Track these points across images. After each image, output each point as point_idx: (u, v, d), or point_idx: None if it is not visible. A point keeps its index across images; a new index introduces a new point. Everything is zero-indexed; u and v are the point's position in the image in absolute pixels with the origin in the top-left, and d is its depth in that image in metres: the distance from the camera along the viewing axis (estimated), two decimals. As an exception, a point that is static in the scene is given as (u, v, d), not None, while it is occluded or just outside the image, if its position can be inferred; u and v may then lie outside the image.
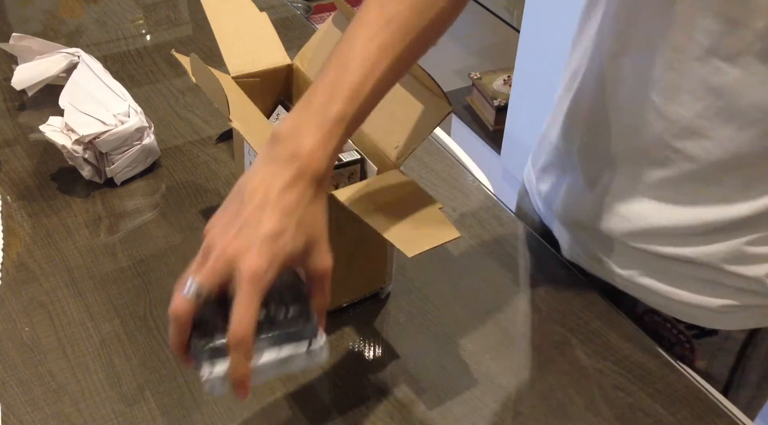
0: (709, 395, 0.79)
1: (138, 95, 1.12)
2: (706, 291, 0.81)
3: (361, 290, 0.86)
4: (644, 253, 0.82)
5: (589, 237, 0.88)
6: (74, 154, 0.96)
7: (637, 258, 0.84)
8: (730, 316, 0.82)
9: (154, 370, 0.78)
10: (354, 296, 0.86)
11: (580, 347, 0.83)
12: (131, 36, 1.34)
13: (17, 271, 0.88)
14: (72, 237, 0.93)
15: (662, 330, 0.87)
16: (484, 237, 0.97)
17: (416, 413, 0.76)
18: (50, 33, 1.33)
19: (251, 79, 0.91)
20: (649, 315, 0.87)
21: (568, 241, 0.93)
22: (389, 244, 0.83)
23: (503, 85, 2.41)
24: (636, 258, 0.84)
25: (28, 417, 0.73)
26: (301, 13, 1.46)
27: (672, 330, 0.86)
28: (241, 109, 0.80)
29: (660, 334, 0.87)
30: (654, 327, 0.87)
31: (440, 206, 0.73)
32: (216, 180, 1.03)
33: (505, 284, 0.91)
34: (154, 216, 0.97)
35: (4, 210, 0.97)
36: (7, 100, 1.16)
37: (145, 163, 1.03)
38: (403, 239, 0.69)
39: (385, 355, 0.82)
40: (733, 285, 0.79)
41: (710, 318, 0.83)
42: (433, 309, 0.87)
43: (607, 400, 0.78)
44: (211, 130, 1.12)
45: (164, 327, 0.83)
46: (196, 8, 1.44)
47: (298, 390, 0.77)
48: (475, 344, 0.83)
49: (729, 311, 0.81)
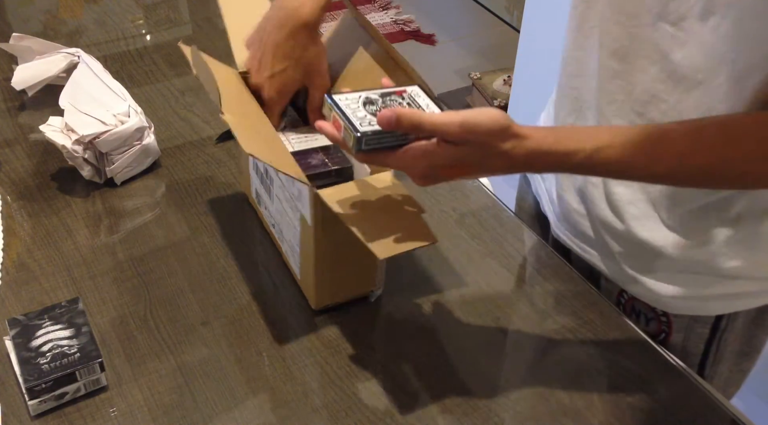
0: (709, 394, 0.79)
1: (138, 95, 1.12)
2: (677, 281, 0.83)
3: (348, 292, 0.86)
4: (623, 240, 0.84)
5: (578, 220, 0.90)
6: (74, 154, 0.96)
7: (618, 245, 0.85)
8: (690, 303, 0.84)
9: (154, 370, 0.78)
10: (340, 298, 0.85)
11: (580, 347, 0.83)
12: (131, 36, 1.34)
13: (17, 271, 0.88)
14: (72, 237, 0.93)
15: (639, 306, 0.88)
16: (484, 237, 0.97)
17: (416, 413, 0.76)
18: (50, 33, 1.33)
19: None
20: (626, 294, 0.89)
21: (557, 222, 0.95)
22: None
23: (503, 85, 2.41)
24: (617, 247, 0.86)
25: (28, 417, 0.73)
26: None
27: (648, 305, 0.87)
28: (238, 103, 0.80)
29: (637, 310, 0.88)
30: (632, 303, 0.88)
31: (423, 211, 0.73)
32: (216, 180, 1.03)
33: (504, 284, 0.91)
34: (154, 216, 0.97)
35: (4, 210, 0.97)
36: (7, 100, 1.16)
37: (145, 163, 1.03)
38: (377, 241, 0.69)
39: (384, 355, 0.82)
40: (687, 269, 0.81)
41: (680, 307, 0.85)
42: (432, 308, 0.87)
43: (607, 400, 0.78)
44: (211, 130, 1.12)
45: (164, 327, 0.83)
46: (196, 8, 1.44)
47: (295, 390, 0.77)
48: (474, 344, 0.83)
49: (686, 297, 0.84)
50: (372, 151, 0.68)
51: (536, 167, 0.69)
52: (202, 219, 0.97)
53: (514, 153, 0.65)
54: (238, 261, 0.91)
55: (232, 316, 0.85)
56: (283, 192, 0.84)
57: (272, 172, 0.85)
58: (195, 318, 0.84)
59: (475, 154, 0.66)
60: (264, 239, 0.94)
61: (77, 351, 0.74)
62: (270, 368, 0.80)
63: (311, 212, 0.76)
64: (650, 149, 0.66)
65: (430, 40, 3.13)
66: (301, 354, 0.81)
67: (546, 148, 0.66)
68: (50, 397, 0.73)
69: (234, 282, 0.89)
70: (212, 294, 0.87)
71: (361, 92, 0.71)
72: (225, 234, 0.95)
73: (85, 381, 0.75)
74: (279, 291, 0.88)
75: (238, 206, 0.99)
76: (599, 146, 0.66)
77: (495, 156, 0.65)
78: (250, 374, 0.79)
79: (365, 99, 0.71)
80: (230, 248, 0.93)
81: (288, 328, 0.84)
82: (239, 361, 0.80)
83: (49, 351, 0.74)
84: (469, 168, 0.67)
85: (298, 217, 0.81)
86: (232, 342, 0.82)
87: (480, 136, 0.64)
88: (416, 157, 0.66)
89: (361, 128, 0.67)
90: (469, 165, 0.67)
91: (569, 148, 0.66)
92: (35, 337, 0.76)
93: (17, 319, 0.77)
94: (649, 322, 0.88)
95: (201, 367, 0.79)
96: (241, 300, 0.86)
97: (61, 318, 0.78)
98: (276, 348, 0.81)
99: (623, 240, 0.84)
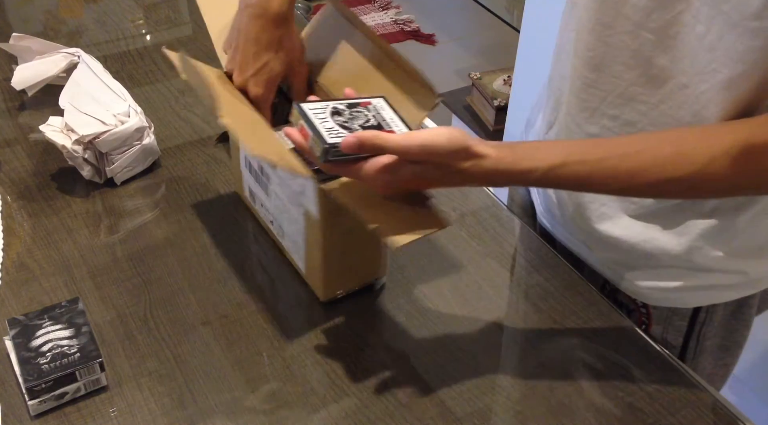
0: (709, 395, 0.79)
1: (138, 95, 1.12)
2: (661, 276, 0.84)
3: (355, 281, 0.87)
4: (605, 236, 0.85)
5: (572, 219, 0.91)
6: (74, 154, 0.96)
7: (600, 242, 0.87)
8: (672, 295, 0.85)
9: (153, 370, 0.78)
10: (348, 287, 0.86)
11: (580, 347, 0.83)
12: (131, 36, 1.34)
13: (17, 271, 0.88)
14: (72, 237, 0.93)
15: (621, 297, 0.89)
16: (484, 237, 0.97)
17: (416, 413, 0.76)
18: (50, 33, 1.33)
19: None
20: (609, 284, 0.90)
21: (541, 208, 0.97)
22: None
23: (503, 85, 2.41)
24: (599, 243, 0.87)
25: (28, 417, 0.73)
26: (301, 13, 1.46)
27: (629, 297, 0.89)
28: (231, 105, 0.80)
29: (619, 301, 0.89)
30: (613, 295, 0.89)
31: (430, 198, 0.74)
32: (215, 180, 1.03)
33: (504, 284, 0.91)
34: (153, 216, 0.97)
35: (4, 210, 0.97)
36: (7, 100, 1.16)
37: (145, 163, 1.03)
38: (389, 231, 0.70)
39: (384, 355, 0.82)
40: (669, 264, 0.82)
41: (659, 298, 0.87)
42: (432, 308, 0.87)
43: (607, 400, 0.78)
44: (210, 130, 1.12)
45: (164, 327, 0.83)
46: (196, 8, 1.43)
47: (295, 390, 0.77)
48: (474, 344, 0.83)
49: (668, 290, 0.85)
50: (338, 162, 0.70)
51: (497, 183, 0.71)
52: (202, 219, 0.97)
53: (472, 171, 0.68)
54: (238, 260, 0.91)
55: (231, 316, 0.85)
56: (282, 188, 0.84)
57: (269, 169, 0.86)
58: (195, 318, 0.84)
59: (436, 172, 0.69)
60: (262, 237, 0.94)
61: (77, 351, 0.74)
62: (270, 368, 0.80)
63: (317, 206, 0.77)
64: (604, 168, 0.68)
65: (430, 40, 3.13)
66: (301, 354, 0.81)
67: (503, 168, 0.68)
68: (50, 397, 0.73)
69: (234, 281, 0.89)
70: (212, 293, 0.87)
71: (329, 102, 0.74)
72: (225, 234, 0.95)
73: (85, 381, 0.75)
74: (279, 290, 0.88)
75: (238, 206, 0.99)
76: (554, 165, 0.68)
77: (454, 173, 0.68)
78: (250, 374, 0.79)
79: (333, 109, 0.73)
80: (230, 247, 0.93)
81: (288, 328, 0.84)
82: (239, 361, 0.80)
83: (49, 351, 0.74)
84: (429, 182, 0.71)
85: (302, 212, 0.81)
86: (232, 342, 0.82)
87: (439, 157, 0.67)
88: (379, 171, 0.68)
89: (329, 139, 0.69)
90: (429, 180, 0.70)
91: (524, 167, 0.68)
92: (35, 337, 0.76)
93: (17, 319, 0.77)
94: (630, 314, 0.89)
95: (201, 367, 0.79)
96: (241, 300, 0.86)
97: (61, 318, 0.78)
98: (276, 347, 0.81)
99: (597, 236, 0.86)
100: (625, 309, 0.89)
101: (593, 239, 0.87)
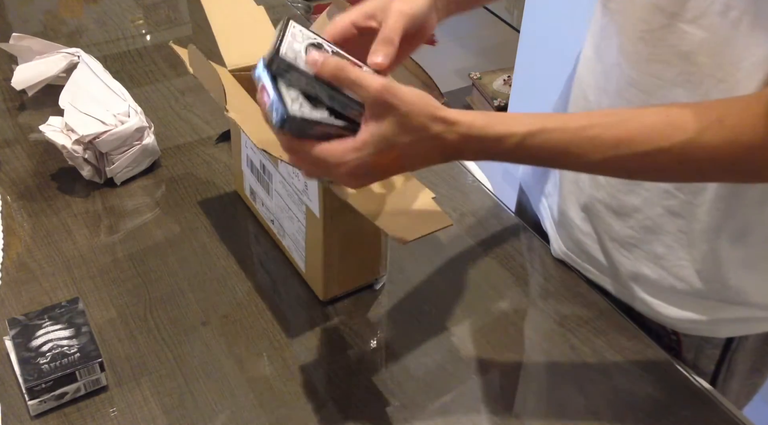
0: (709, 394, 0.79)
1: (138, 95, 1.12)
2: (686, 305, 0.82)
3: (356, 280, 0.87)
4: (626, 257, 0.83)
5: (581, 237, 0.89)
6: (74, 154, 0.96)
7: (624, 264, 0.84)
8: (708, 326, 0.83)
9: (154, 370, 0.78)
10: (349, 286, 0.87)
11: (580, 347, 0.83)
12: (131, 36, 1.34)
13: (17, 271, 0.88)
14: (72, 237, 0.93)
15: (649, 322, 0.87)
16: (484, 237, 0.97)
17: (415, 412, 0.76)
18: (50, 33, 1.33)
19: (248, 73, 0.91)
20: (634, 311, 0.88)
21: (558, 241, 0.93)
22: (383, 234, 0.84)
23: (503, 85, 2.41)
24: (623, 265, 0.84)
25: (28, 417, 0.73)
26: (301, 13, 1.46)
27: (658, 323, 0.86)
28: (238, 100, 0.80)
29: (648, 327, 0.87)
30: (641, 319, 0.87)
31: (433, 195, 0.74)
32: (216, 179, 1.03)
33: (505, 284, 0.91)
34: (153, 216, 0.97)
35: (4, 210, 0.97)
36: (7, 100, 1.16)
37: (145, 162, 1.03)
38: (395, 228, 0.69)
39: (384, 355, 0.82)
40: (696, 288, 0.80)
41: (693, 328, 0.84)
42: (432, 308, 0.87)
43: (607, 400, 0.78)
44: (211, 130, 1.12)
45: (164, 327, 0.83)
46: (196, 8, 1.44)
47: (295, 390, 0.77)
48: (474, 344, 0.83)
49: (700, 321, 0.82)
50: (297, 136, 0.64)
51: (467, 154, 0.65)
52: (202, 218, 0.97)
53: (445, 136, 0.63)
54: (238, 260, 0.91)
55: (232, 316, 0.85)
56: (284, 187, 0.84)
57: (271, 168, 0.86)
58: (195, 318, 0.84)
59: (405, 137, 0.62)
60: (262, 237, 0.94)
61: (77, 351, 0.74)
62: (270, 368, 0.80)
63: (320, 204, 0.77)
64: (586, 137, 0.63)
65: (430, 40, 3.13)
66: (301, 354, 0.81)
67: (476, 133, 0.63)
68: (50, 397, 0.73)
69: (234, 281, 0.89)
70: (212, 293, 0.87)
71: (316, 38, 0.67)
72: (225, 234, 0.95)
73: (85, 381, 0.75)
74: (279, 289, 0.88)
75: (238, 205, 0.99)
76: (531, 131, 0.63)
77: (427, 139, 0.63)
78: (250, 374, 0.79)
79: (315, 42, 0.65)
80: (230, 247, 0.93)
81: (288, 328, 0.84)
82: (239, 361, 0.80)
83: (49, 351, 0.74)
84: (399, 156, 0.64)
85: (303, 210, 0.81)
86: (232, 342, 0.82)
87: (402, 103, 0.62)
88: (346, 151, 0.63)
89: (291, 109, 0.62)
90: (399, 150, 0.63)
91: (499, 132, 0.63)
92: (35, 337, 0.76)
93: (17, 319, 0.77)
94: (660, 339, 0.86)
95: (201, 367, 0.79)
96: (241, 300, 0.86)
97: (61, 318, 0.78)
98: (276, 347, 0.81)
99: (622, 270, 0.83)
100: (654, 334, 0.86)
101: (617, 273, 0.85)
